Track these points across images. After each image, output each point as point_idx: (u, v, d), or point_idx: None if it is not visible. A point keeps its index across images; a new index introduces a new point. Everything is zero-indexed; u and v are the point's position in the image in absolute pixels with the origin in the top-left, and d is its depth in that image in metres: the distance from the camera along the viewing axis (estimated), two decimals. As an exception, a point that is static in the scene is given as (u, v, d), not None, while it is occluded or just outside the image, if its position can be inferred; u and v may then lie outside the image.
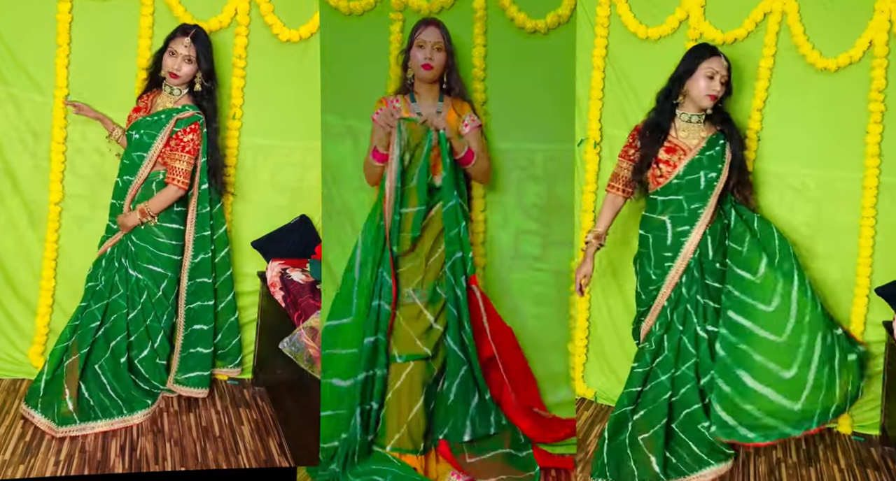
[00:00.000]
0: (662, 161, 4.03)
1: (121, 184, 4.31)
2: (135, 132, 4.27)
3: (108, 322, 4.33)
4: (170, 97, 4.31)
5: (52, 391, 4.18)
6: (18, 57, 4.45)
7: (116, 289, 4.32)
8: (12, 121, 4.47)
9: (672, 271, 4.04)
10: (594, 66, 4.72)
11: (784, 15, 4.37)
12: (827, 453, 4.32)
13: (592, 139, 4.75)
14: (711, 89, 3.98)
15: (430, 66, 4.11)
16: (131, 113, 4.34)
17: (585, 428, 4.59)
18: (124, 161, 4.32)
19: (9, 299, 4.61)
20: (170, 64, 4.22)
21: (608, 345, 4.87)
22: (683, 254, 4.03)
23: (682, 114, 4.08)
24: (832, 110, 4.37)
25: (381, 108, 4.15)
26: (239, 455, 4.10)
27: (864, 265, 4.37)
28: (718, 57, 4.01)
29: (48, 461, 3.94)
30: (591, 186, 4.77)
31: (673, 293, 4.06)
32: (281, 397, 4.43)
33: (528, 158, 4.61)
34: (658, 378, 4.06)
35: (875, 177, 4.33)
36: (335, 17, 4.48)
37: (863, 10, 4.28)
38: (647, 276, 4.14)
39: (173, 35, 4.25)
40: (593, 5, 4.70)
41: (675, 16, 4.55)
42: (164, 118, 4.27)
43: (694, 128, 4.07)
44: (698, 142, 4.05)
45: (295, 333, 4.07)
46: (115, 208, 4.34)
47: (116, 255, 4.32)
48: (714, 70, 3.98)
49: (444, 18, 4.37)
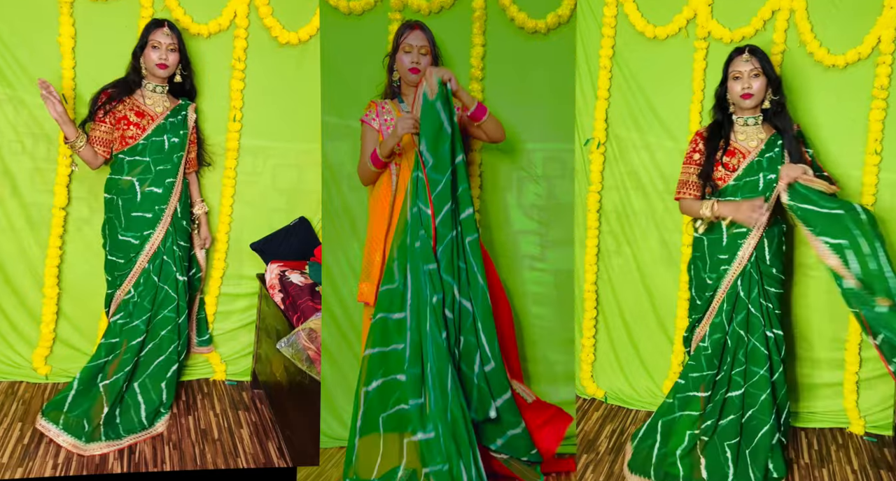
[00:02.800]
0: (723, 164, 4.08)
1: (160, 191, 4.31)
2: (166, 136, 4.34)
3: (155, 337, 4.36)
4: (161, 96, 4.39)
5: (80, 409, 4.20)
6: (19, 58, 4.52)
7: (160, 303, 4.37)
8: (11, 122, 4.54)
9: (728, 274, 4.06)
10: (601, 66, 4.80)
11: (792, 12, 4.46)
12: (840, 454, 4.36)
13: (598, 139, 4.82)
14: (742, 89, 4.03)
15: (417, 69, 4.12)
16: (95, 129, 4.27)
17: (596, 429, 4.63)
18: (161, 167, 4.31)
19: (6, 301, 4.67)
20: (155, 57, 4.30)
21: (619, 346, 4.93)
22: (740, 257, 4.03)
23: (738, 118, 4.12)
24: (841, 107, 4.43)
25: (369, 110, 4.18)
26: (238, 457, 4.16)
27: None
28: (741, 54, 4.04)
29: (46, 463, 4.00)
30: (595, 186, 4.84)
31: (727, 298, 4.06)
32: (280, 399, 4.46)
33: (528, 158, 4.65)
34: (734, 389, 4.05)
35: (875, 175, 4.40)
36: (335, 16, 4.55)
37: (871, 6, 4.35)
38: (702, 281, 4.15)
39: (149, 29, 4.32)
40: (600, 5, 4.76)
41: (683, 15, 4.64)
42: (184, 114, 4.43)
43: (752, 131, 4.11)
44: (757, 144, 4.09)
45: (293, 335, 4.08)
46: (139, 219, 4.31)
47: (154, 269, 4.34)
48: (738, 71, 4.03)
49: (443, 18, 4.49)
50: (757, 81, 4.03)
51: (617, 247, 4.91)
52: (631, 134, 4.81)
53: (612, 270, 4.93)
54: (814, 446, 4.44)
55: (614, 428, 4.64)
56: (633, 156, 4.80)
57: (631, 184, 4.82)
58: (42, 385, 4.70)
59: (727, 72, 4.09)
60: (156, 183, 4.32)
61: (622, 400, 4.92)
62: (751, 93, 4.03)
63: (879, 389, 4.55)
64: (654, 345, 4.79)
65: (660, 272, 4.83)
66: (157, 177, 4.33)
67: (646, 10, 4.73)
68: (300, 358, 4.06)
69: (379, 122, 4.16)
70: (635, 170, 4.81)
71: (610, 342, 4.97)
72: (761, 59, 4.04)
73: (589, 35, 4.83)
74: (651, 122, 4.73)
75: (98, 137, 4.29)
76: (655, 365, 4.85)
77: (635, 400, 4.90)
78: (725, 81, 4.10)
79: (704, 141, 4.14)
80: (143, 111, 4.34)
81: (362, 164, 4.17)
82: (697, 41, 4.62)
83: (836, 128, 4.45)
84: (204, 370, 4.94)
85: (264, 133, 4.81)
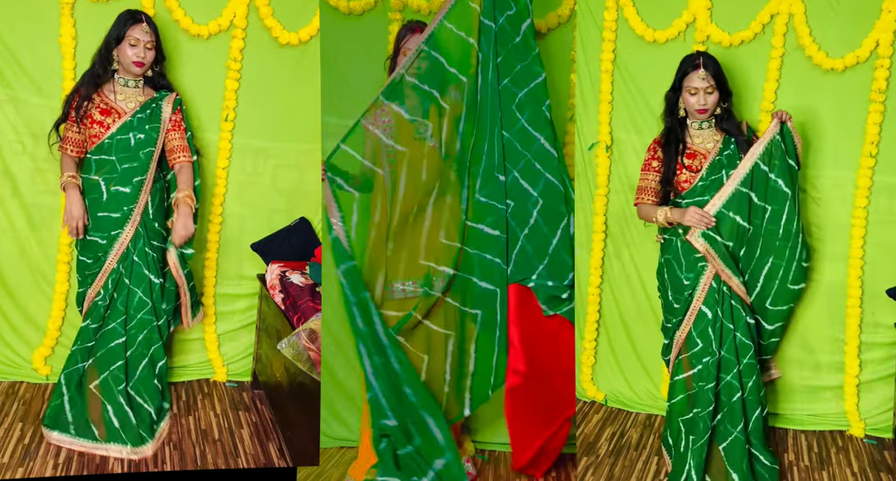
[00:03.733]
0: (686, 167, 4.16)
1: (127, 190, 4.21)
2: (132, 134, 4.23)
3: (134, 341, 4.29)
4: (134, 90, 4.30)
5: (80, 410, 4.21)
6: (19, 58, 4.53)
7: (135, 307, 4.28)
8: (12, 122, 4.54)
9: (707, 272, 4.11)
10: (602, 70, 4.84)
11: (791, 16, 4.50)
12: (840, 456, 4.40)
13: (603, 143, 4.86)
14: (698, 104, 4.11)
15: None
16: (69, 131, 4.23)
17: (596, 432, 4.66)
18: (127, 165, 4.22)
19: (6, 302, 4.68)
20: (132, 54, 4.20)
21: (619, 349, 4.98)
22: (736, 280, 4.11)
23: (692, 122, 4.20)
24: (840, 110, 4.48)
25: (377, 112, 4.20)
26: (238, 458, 4.19)
27: (856, 266, 4.52)
28: (697, 70, 4.09)
29: (47, 464, 4.03)
30: (602, 190, 4.90)
31: (709, 295, 4.12)
32: (280, 400, 4.48)
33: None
34: (724, 380, 4.10)
35: (868, 178, 4.46)
36: (335, 17, 4.59)
37: (869, 10, 4.41)
38: (678, 282, 4.19)
39: (126, 24, 4.21)
40: (600, 9, 4.80)
41: (682, 19, 4.68)
42: (155, 107, 4.30)
43: (706, 134, 4.19)
44: (714, 145, 4.17)
45: (294, 335, 4.10)
46: (105, 218, 4.23)
47: (125, 270, 4.25)
48: (695, 87, 4.10)
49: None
50: (712, 97, 4.12)
51: (616, 250, 4.95)
52: (630, 137, 4.85)
53: (612, 273, 4.97)
54: (814, 448, 4.48)
55: (614, 431, 4.67)
56: (634, 159, 4.83)
57: (630, 187, 4.84)
58: (42, 385, 4.71)
59: (682, 84, 4.15)
60: (122, 182, 4.21)
61: (622, 402, 4.95)
62: (706, 108, 4.12)
63: (879, 392, 4.58)
64: (653, 348, 4.76)
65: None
66: (123, 175, 4.21)
67: (645, 15, 4.77)
68: (301, 358, 4.07)
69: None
70: (634, 172, 4.75)
71: (610, 345, 5.01)
72: (715, 74, 4.11)
73: (589, 39, 4.87)
74: (651, 125, 4.74)
75: (71, 139, 4.23)
76: (655, 368, 4.87)
77: (635, 402, 4.93)
78: (679, 89, 4.17)
79: (662, 147, 4.22)
80: (110, 108, 4.24)
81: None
82: (697, 45, 4.66)
83: (834, 131, 4.50)
84: (204, 371, 4.97)
85: (264, 133, 4.83)
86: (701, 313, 4.12)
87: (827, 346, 4.65)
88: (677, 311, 4.21)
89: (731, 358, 4.08)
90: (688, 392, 4.14)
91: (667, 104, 4.23)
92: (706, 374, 4.08)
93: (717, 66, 4.12)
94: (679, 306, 4.20)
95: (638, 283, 4.92)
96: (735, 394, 4.06)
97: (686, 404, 4.14)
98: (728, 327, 4.09)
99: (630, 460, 4.39)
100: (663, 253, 4.28)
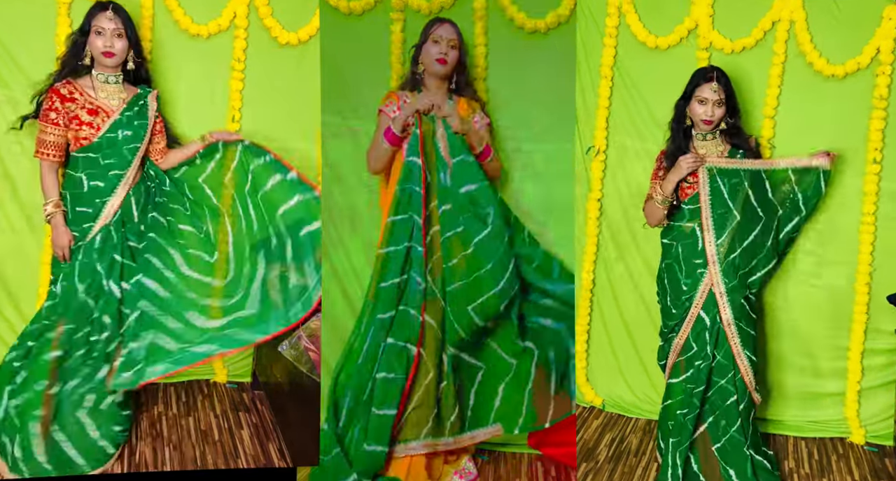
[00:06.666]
0: (690, 174, 4.29)
1: (102, 184, 4.22)
2: (120, 130, 4.25)
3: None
4: (115, 87, 4.29)
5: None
6: (17, 59, 4.56)
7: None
8: (10, 123, 4.45)
9: (706, 277, 4.24)
10: (602, 76, 4.96)
11: (792, 23, 4.63)
12: (840, 463, 4.48)
13: (599, 147, 4.97)
14: (705, 114, 4.26)
15: (444, 60, 4.31)
16: (46, 133, 4.20)
17: (595, 437, 4.74)
18: (108, 161, 4.23)
19: (6, 303, 4.71)
20: (100, 44, 4.17)
21: (620, 353, 5.08)
22: (715, 258, 4.24)
23: (697, 133, 4.34)
24: (840, 117, 4.60)
25: (390, 101, 4.33)
26: (238, 458, 4.25)
27: (864, 273, 4.62)
28: (710, 82, 4.24)
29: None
30: (595, 194, 5.00)
31: (707, 300, 4.25)
32: (281, 401, 4.54)
33: (527, 158, 4.75)
34: (718, 383, 4.23)
35: (875, 184, 4.57)
36: (335, 16, 4.65)
37: (870, 17, 4.53)
38: (678, 287, 4.33)
39: (92, 13, 4.21)
40: (602, 15, 4.91)
41: (684, 25, 4.80)
42: (142, 104, 4.32)
43: (710, 145, 4.33)
44: (719, 155, 4.32)
45: (295, 336, 4.20)
46: (82, 213, 4.24)
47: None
48: (704, 97, 4.25)
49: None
50: (720, 110, 4.27)
51: (618, 255, 5.05)
52: (633, 142, 4.97)
53: (613, 277, 5.07)
54: (814, 456, 4.56)
55: (614, 437, 4.75)
56: (635, 164, 4.96)
57: (631, 192, 4.97)
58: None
59: (693, 93, 4.29)
60: (99, 177, 4.21)
61: (621, 407, 5.05)
62: (712, 120, 4.27)
63: (880, 399, 4.67)
64: (653, 353, 4.79)
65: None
66: (101, 170, 4.22)
67: (647, 21, 4.89)
68: (302, 360, 4.17)
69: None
70: (636, 177, 4.96)
71: (610, 349, 5.11)
72: (726, 88, 4.27)
73: (591, 44, 4.98)
74: (652, 131, 4.87)
75: (52, 143, 4.19)
76: (655, 373, 4.93)
77: (635, 407, 5.03)
78: (689, 98, 4.31)
79: (667, 159, 4.37)
80: (96, 108, 4.23)
81: (375, 146, 4.33)
82: (699, 51, 4.77)
83: (837, 138, 4.59)
84: (205, 371, 5.02)
85: (264, 133, 4.81)
86: (699, 318, 4.25)
87: (828, 353, 4.75)
88: (676, 316, 4.33)
89: (726, 363, 4.21)
90: (683, 394, 4.27)
91: (676, 112, 4.36)
92: (696, 378, 4.21)
93: (728, 83, 4.27)
94: (677, 311, 4.32)
95: (638, 288, 5.03)
96: (730, 398, 4.17)
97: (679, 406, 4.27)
98: (724, 332, 4.22)
99: (629, 466, 4.47)
100: (664, 258, 4.41)
